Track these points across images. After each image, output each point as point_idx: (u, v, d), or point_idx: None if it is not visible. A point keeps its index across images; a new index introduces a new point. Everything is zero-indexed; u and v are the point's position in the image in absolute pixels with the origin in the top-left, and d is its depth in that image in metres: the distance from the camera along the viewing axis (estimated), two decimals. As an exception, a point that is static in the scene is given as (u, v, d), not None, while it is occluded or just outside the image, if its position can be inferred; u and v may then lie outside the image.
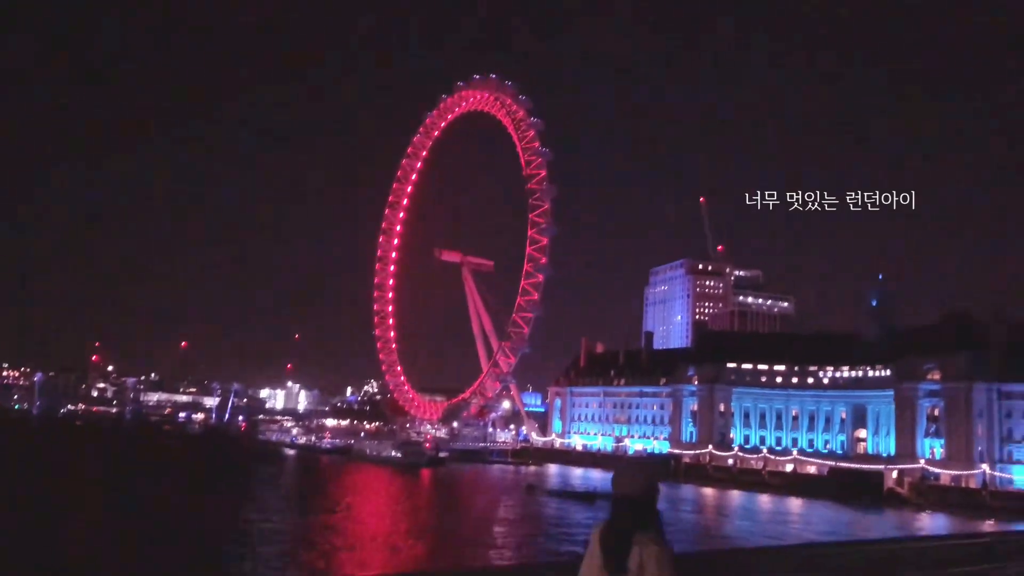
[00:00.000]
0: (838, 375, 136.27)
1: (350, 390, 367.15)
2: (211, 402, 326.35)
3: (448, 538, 66.16)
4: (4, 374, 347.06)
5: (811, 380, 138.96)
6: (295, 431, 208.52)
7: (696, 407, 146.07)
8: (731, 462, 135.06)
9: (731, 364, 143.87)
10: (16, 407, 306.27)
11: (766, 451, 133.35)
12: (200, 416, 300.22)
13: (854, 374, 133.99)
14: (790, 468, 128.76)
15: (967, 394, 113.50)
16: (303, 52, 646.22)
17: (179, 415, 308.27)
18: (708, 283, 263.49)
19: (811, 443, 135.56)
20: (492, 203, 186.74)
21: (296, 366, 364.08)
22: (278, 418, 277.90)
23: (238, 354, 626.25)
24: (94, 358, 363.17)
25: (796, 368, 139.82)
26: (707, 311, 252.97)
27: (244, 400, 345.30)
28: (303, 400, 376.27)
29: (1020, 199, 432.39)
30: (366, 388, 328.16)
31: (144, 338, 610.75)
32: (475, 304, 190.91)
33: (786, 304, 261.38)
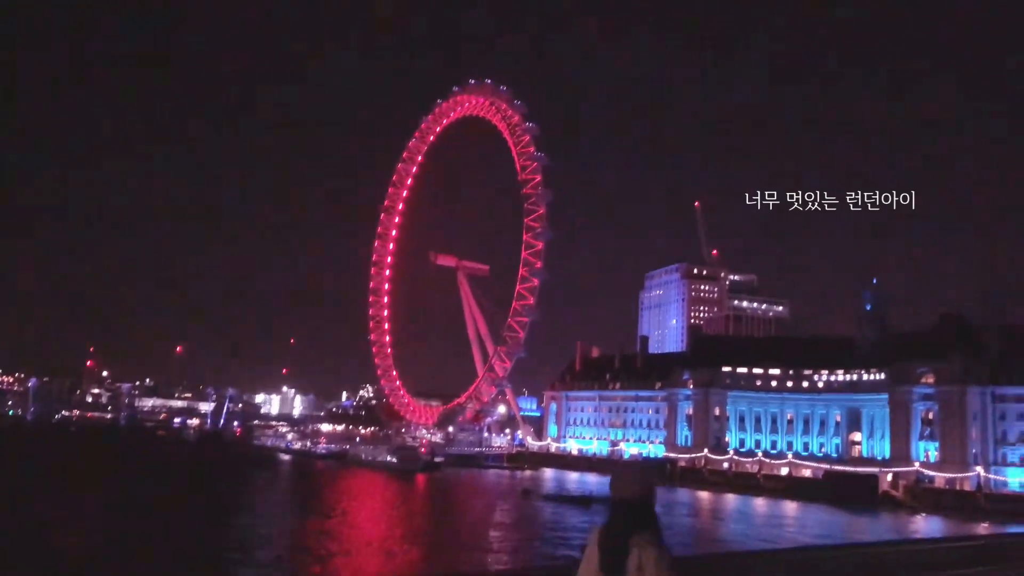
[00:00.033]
0: (833, 379, 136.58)
1: (345, 395, 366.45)
2: (206, 407, 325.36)
3: (443, 543, 66.13)
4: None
5: (806, 384, 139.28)
6: (289, 436, 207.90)
7: (691, 411, 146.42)
8: (726, 466, 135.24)
9: (726, 368, 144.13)
10: (10, 413, 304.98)
11: (761, 455, 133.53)
12: (195, 422, 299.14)
13: (849, 377, 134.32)
14: (785, 471, 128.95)
15: (961, 397, 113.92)
16: (298, 56, 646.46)
17: (174, 421, 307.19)
18: (703, 287, 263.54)
19: (806, 446, 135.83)
20: (488, 208, 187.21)
21: (292, 371, 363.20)
22: (273, 423, 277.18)
23: (234, 359, 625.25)
24: (89, 363, 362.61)
25: (791, 372, 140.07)
26: (702, 315, 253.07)
27: (239, 405, 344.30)
28: (299, 405, 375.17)
29: (1019, 200, 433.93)
30: (362, 393, 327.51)
31: (139, 343, 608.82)
32: (470, 308, 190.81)
33: (781, 308, 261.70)
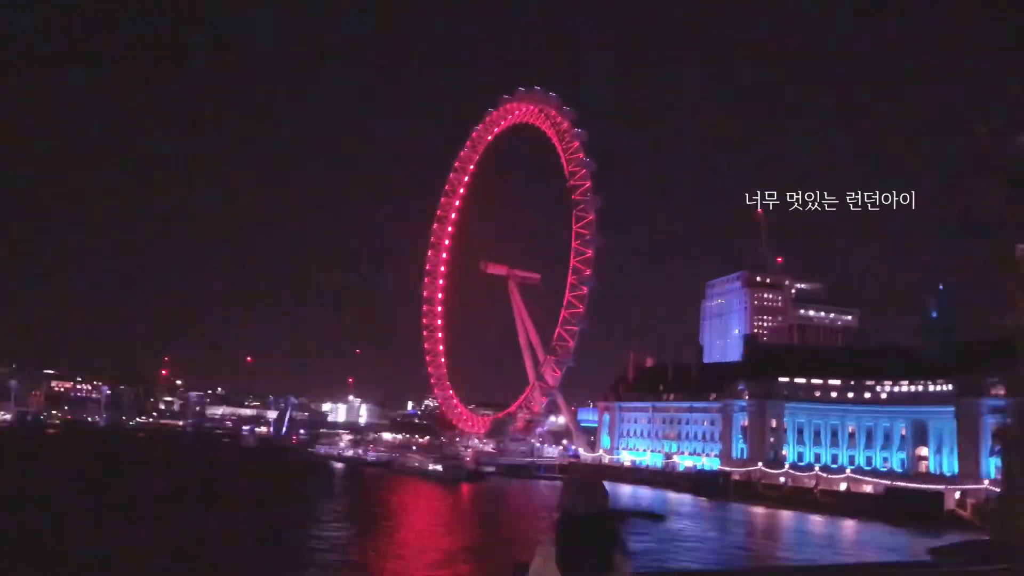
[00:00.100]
0: (897, 390, 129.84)
1: (411, 404, 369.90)
2: (274, 416, 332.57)
3: (460, 555, 64.78)
4: (78, 388, 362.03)
5: (868, 395, 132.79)
6: (342, 444, 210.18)
7: (746, 423, 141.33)
8: (782, 480, 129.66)
9: (783, 378, 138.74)
10: (88, 419, 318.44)
11: (818, 469, 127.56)
12: (263, 429, 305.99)
13: (914, 389, 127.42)
14: (844, 487, 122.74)
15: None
16: (353, 69, 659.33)
17: (242, 428, 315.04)
18: (767, 296, 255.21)
19: (869, 461, 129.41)
20: (539, 216, 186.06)
21: (357, 380, 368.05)
22: (339, 432, 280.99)
23: (303, 369, 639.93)
24: (163, 372, 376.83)
25: (852, 383, 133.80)
26: (766, 325, 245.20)
27: (306, 413, 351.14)
28: (364, 414, 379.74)
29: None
30: (427, 402, 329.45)
31: (213, 354, 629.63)
32: (522, 317, 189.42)
33: (849, 317, 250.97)
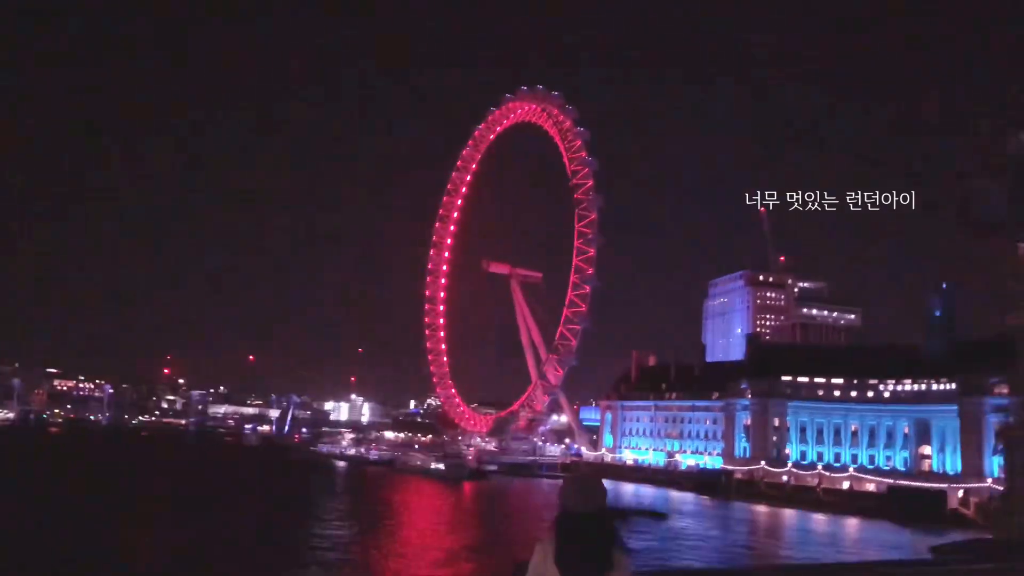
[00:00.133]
0: (900, 388, 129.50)
1: (413, 403, 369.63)
2: (276, 414, 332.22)
3: (467, 554, 64.67)
4: (81, 386, 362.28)
5: (871, 394, 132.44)
6: (344, 442, 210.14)
7: (749, 422, 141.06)
8: (785, 479, 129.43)
9: (786, 377, 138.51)
10: (91, 418, 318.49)
11: (821, 467, 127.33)
12: (265, 428, 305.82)
13: (917, 387, 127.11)
14: (847, 485, 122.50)
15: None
16: (353, 69, 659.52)
17: (245, 427, 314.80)
18: (769, 295, 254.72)
19: (872, 459, 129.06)
20: (541, 214, 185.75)
21: (360, 379, 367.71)
22: (341, 430, 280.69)
23: (305, 368, 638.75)
24: (165, 371, 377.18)
25: (855, 381, 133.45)
26: (768, 324, 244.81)
27: (308, 412, 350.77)
28: (366, 412, 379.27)
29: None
30: (429, 401, 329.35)
31: (215, 353, 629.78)
32: (524, 316, 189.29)
33: (852, 316, 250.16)
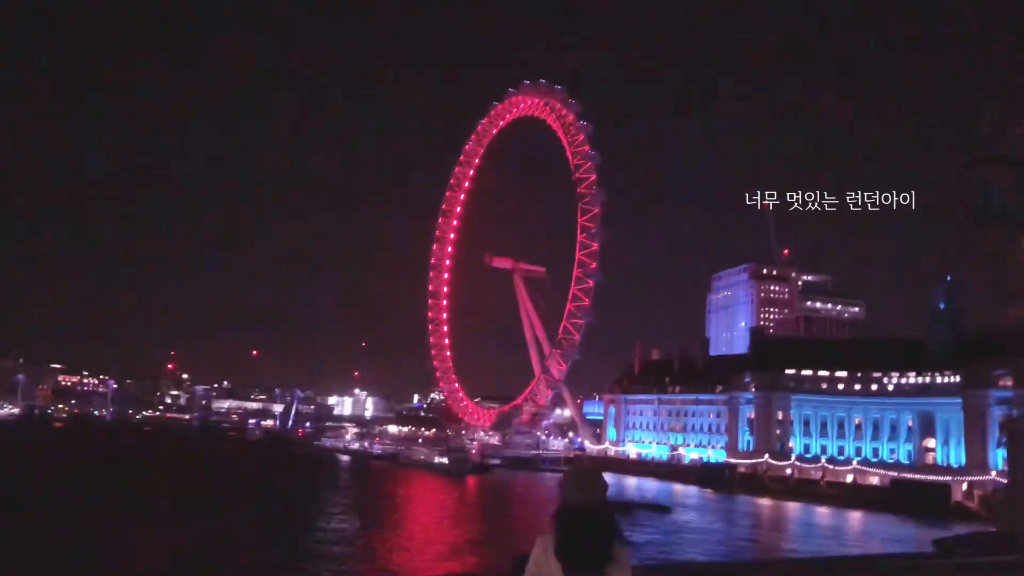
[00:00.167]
0: (904, 381, 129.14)
1: (417, 397, 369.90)
2: (280, 409, 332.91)
3: (472, 548, 64.73)
4: (85, 382, 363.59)
5: (875, 387, 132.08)
6: (348, 437, 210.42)
7: (752, 415, 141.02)
8: (789, 472, 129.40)
9: (790, 370, 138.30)
10: (95, 413, 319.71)
11: (825, 461, 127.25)
12: (269, 423, 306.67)
13: (921, 380, 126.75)
14: (850, 479, 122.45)
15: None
16: (357, 61, 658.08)
17: (248, 422, 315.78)
18: (773, 288, 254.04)
19: (875, 452, 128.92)
20: (544, 209, 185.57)
21: (364, 373, 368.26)
22: (345, 425, 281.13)
23: (308, 362, 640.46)
24: (169, 366, 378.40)
25: (859, 374, 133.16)
26: (772, 317, 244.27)
27: (312, 407, 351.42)
28: (370, 407, 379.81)
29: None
30: (433, 396, 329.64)
31: (219, 348, 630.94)
32: (527, 311, 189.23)
33: (856, 309, 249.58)
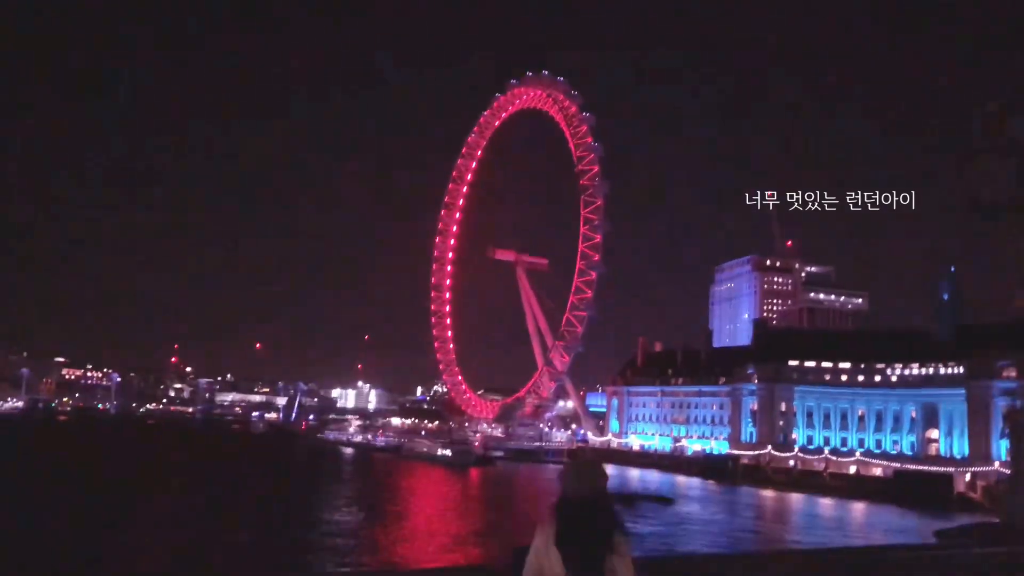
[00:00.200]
0: (907, 372, 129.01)
1: (420, 390, 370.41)
2: (283, 402, 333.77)
3: (472, 538, 64.78)
4: (89, 375, 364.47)
5: (878, 378, 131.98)
6: (351, 429, 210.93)
7: (756, 406, 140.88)
8: (792, 463, 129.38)
9: (793, 362, 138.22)
10: (99, 406, 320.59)
11: (828, 452, 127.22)
12: (273, 416, 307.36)
13: (924, 371, 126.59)
14: (853, 470, 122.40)
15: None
16: (357, 60, 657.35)
17: (252, 414, 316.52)
18: (776, 280, 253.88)
19: (879, 444, 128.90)
20: (547, 201, 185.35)
21: (367, 366, 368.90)
22: (348, 417, 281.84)
23: (312, 355, 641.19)
24: (173, 360, 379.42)
25: (862, 366, 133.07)
26: (776, 308, 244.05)
27: (315, 400, 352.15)
28: (373, 399, 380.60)
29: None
30: (436, 388, 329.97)
31: (223, 341, 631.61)
32: (530, 303, 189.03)
33: (860, 300, 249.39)
